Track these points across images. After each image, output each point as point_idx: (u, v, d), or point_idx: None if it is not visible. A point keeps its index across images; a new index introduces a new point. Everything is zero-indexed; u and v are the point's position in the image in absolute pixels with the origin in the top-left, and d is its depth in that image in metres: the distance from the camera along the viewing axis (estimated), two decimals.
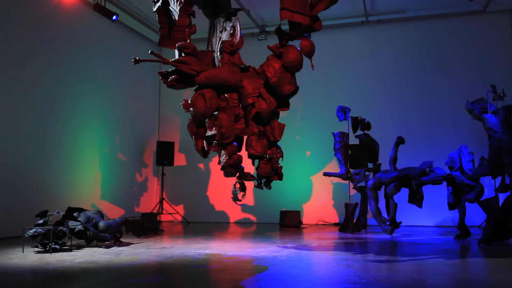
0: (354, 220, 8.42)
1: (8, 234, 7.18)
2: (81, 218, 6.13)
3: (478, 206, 6.94)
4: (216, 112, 4.82)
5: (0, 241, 6.84)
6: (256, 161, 5.16)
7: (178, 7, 4.84)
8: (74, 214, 6.18)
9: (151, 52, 4.81)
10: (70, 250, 5.90)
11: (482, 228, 6.87)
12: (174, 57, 4.94)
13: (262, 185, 5.21)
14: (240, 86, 4.81)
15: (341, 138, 8.35)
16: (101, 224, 6.29)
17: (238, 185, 4.99)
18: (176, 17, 4.89)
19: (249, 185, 6.51)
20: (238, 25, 5.13)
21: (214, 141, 4.80)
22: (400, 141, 7.83)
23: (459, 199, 7.14)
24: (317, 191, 10.61)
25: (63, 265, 4.73)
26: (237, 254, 5.52)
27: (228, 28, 5.07)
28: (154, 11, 5.03)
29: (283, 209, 9.75)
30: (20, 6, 7.86)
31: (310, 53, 4.87)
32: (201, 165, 11.61)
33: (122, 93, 10.58)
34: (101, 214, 6.51)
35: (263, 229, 9.29)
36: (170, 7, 4.89)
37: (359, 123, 8.45)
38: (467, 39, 10.22)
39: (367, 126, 8.44)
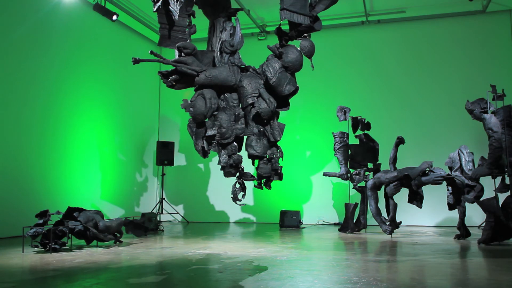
0: (354, 220, 8.42)
1: (8, 234, 7.19)
2: (81, 218, 6.13)
3: (478, 206, 6.94)
4: (216, 112, 4.82)
5: (0, 241, 6.85)
6: (256, 161, 5.16)
7: (178, 7, 4.83)
8: (74, 214, 6.18)
9: (151, 52, 4.80)
10: (70, 250, 5.90)
11: (482, 228, 6.87)
12: (174, 57, 4.93)
13: (262, 185, 5.21)
14: (240, 86, 4.81)
15: (341, 138, 8.35)
16: (101, 224, 6.29)
17: (238, 185, 4.99)
18: (176, 17, 4.88)
19: (249, 185, 6.51)
20: (238, 25, 5.13)
21: (214, 141, 4.80)
22: (400, 141, 7.83)
23: (459, 199, 7.15)
24: (317, 191, 10.61)
25: (63, 265, 4.74)
26: (237, 254, 5.52)
27: (228, 28, 5.06)
28: (154, 11, 5.03)
29: (283, 209, 9.75)
30: (20, 6, 7.86)
31: (310, 53, 4.87)
32: (201, 165, 11.61)
33: (122, 93, 10.58)
34: (101, 214, 6.51)
35: (263, 229, 9.29)
36: (170, 7, 4.89)
37: (359, 123, 8.45)
38: (467, 39, 10.22)
39: (367, 126, 8.44)
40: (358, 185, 8.30)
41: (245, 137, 4.92)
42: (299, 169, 10.55)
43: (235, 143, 4.83)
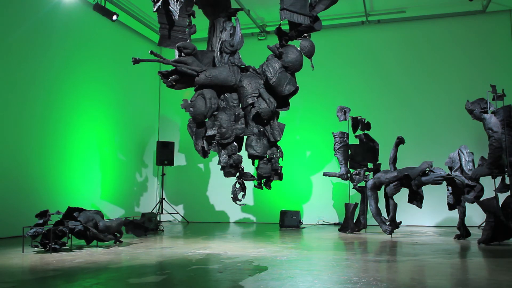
0: (354, 220, 8.42)
1: (8, 234, 7.19)
2: (81, 218, 6.13)
3: (478, 206, 6.94)
4: (216, 112, 4.82)
5: (0, 241, 6.85)
6: (256, 161, 5.16)
7: (178, 7, 4.83)
8: (74, 214, 6.18)
9: (151, 52, 4.81)
10: (70, 250, 5.90)
11: (482, 228, 6.87)
12: (174, 57, 4.93)
13: (262, 185, 5.21)
14: (240, 86, 4.81)
15: (341, 138, 8.35)
16: (101, 224, 6.29)
17: (238, 185, 4.99)
18: (176, 17, 4.88)
19: (249, 185, 6.52)
20: (238, 25, 5.13)
21: (214, 141, 4.80)
22: (400, 141, 7.83)
23: (459, 199, 7.15)
24: (317, 191, 10.61)
25: (63, 265, 4.74)
26: (237, 254, 5.52)
27: (228, 28, 5.07)
28: (154, 11, 5.03)
29: (283, 209, 9.75)
30: (20, 6, 7.86)
31: (310, 53, 4.87)
32: (201, 165, 11.61)
33: (122, 93, 10.58)
34: (101, 214, 6.51)
35: (263, 229, 9.29)
36: (170, 7, 4.89)
37: (359, 123, 8.45)
38: (467, 39, 10.22)
39: (367, 126, 8.44)
40: (358, 185, 8.30)
41: (245, 137, 4.92)
42: (299, 169, 10.55)
43: (235, 143, 4.84)
